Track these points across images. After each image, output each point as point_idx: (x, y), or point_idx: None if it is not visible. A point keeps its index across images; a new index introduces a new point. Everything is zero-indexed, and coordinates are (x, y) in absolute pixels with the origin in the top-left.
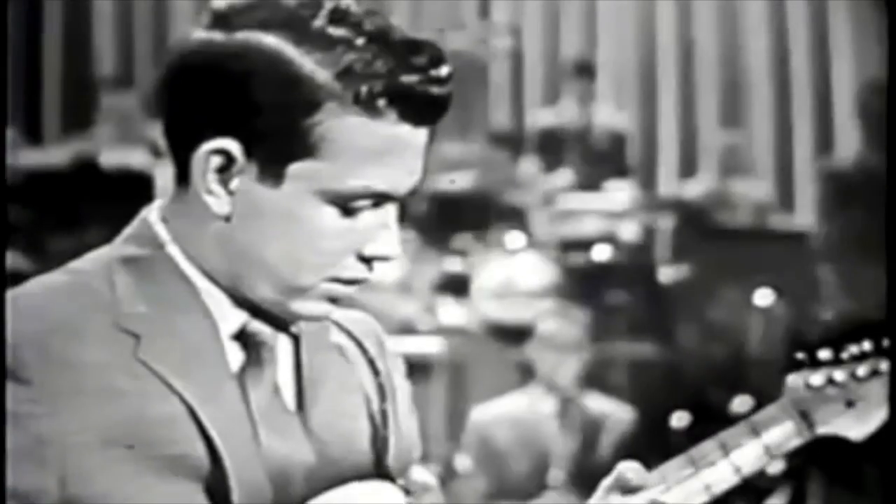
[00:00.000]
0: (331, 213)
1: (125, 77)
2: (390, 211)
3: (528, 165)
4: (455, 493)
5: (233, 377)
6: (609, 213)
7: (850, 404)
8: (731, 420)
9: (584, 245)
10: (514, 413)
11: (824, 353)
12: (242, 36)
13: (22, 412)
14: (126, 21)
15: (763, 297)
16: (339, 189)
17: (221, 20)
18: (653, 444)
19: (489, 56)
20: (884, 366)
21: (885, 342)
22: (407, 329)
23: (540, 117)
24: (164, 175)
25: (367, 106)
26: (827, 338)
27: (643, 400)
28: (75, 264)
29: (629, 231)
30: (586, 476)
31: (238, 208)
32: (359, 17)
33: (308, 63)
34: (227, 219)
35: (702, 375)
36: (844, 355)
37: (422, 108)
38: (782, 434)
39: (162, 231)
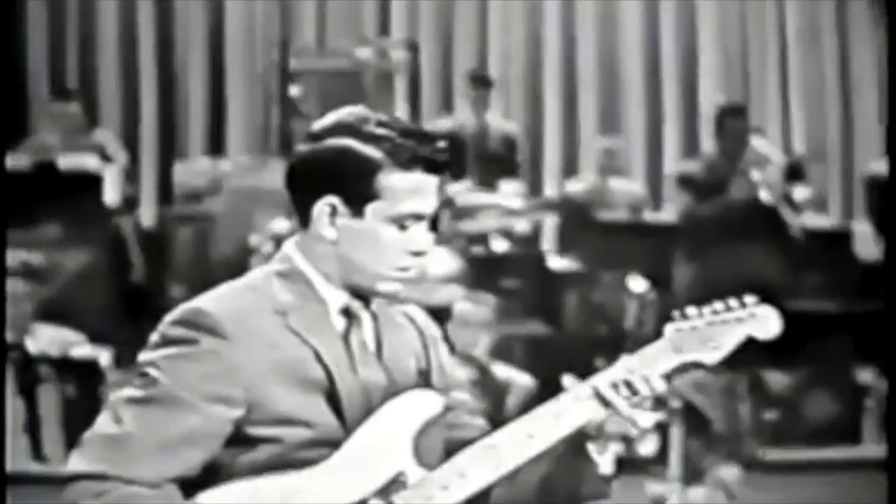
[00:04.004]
0: (392, 230)
1: (62, 91)
2: (424, 224)
3: None
4: None
5: (338, 334)
6: (504, 209)
7: (703, 342)
8: None
9: (484, 238)
10: None
11: (691, 310)
12: (332, 142)
13: (222, 352)
14: (58, 38)
15: (636, 283)
16: (396, 215)
17: (316, 136)
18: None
19: (392, 67)
20: (728, 316)
21: (733, 303)
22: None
23: (439, 124)
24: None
25: (404, 167)
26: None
27: (539, 369)
28: (251, 275)
29: (521, 225)
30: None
31: (341, 235)
32: (389, 121)
33: (369, 150)
34: (334, 243)
35: (587, 349)
36: (704, 311)
37: (434, 165)
38: (656, 354)
39: (296, 254)
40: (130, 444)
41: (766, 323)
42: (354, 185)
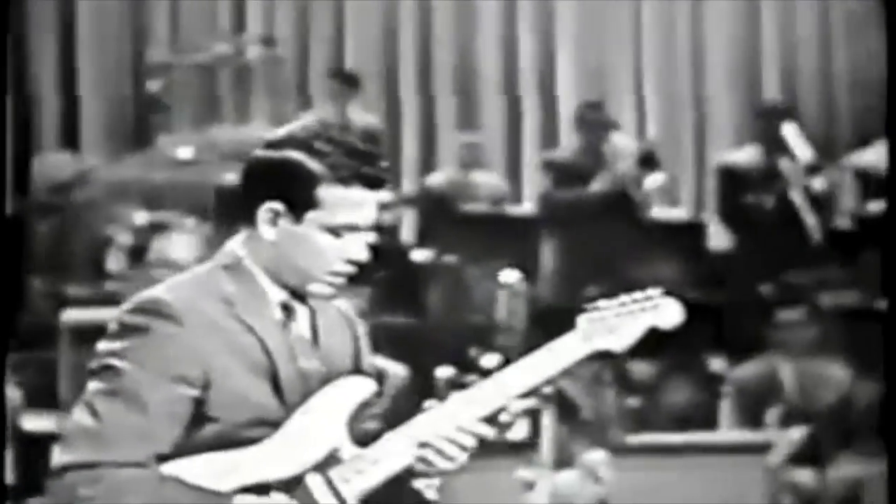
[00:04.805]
0: (328, 238)
1: None
2: (361, 235)
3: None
4: None
5: (278, 325)
6: None
7: (611, 331)
8: (484, 374)
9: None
10: None
11: (601, 303)
12: (282, 153)
13: (179, 337)
14: None
15: (507, 274)
16: (332, 224)
17: (272, 144)
18: (422, 394)
19: (250, 62)
20: (634, 307)
21: (639, 295)
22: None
23: (301, 118)
24: None
25: (344, 182)
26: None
27: (407, 359)
28: (198, 268)
29: (384, 218)
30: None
31: (280, 237)
32: (338, 138)
33: (314, 164)
34: (274, 244)
35: (455, 339)
36: (612, 303)
37: (373, 182)
38: (569, 344)
39: (241, 251)
40: (109, 433)
41: (668, 312)
42: (297, 193)
